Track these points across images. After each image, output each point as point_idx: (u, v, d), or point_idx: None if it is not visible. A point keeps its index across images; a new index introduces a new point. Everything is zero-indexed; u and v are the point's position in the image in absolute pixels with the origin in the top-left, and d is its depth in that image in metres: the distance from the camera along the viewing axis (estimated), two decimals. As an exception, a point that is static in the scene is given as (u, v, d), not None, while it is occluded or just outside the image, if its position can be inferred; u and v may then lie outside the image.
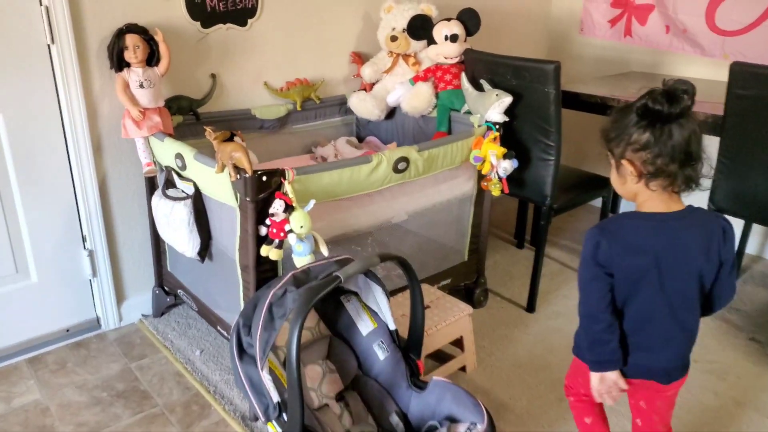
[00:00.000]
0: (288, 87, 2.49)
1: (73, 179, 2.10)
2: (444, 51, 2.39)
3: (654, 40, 3.13)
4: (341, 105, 2.68)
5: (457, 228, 2.33)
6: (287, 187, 1.67)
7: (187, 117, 2.22)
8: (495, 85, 2.25)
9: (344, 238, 1.97)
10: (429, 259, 2.28)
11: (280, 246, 1.70)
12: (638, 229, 1.20)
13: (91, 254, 2.21)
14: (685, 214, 1.20)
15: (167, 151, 1.95)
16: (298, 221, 1.66)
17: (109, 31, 1.98)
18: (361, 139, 2.80)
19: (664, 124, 1.12)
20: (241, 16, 2.30)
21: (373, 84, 2.66)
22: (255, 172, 1.63)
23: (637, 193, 1.21)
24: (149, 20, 2.06)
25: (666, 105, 1.10)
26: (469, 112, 2.34)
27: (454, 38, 2.36)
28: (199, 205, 1.88)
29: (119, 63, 1.98)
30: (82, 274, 2.23)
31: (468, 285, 2.49)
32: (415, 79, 2.48)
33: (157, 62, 2.03)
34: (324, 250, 1.74)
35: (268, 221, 1.69)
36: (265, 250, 1.70)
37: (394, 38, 2.49)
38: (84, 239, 2.19)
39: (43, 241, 2.11)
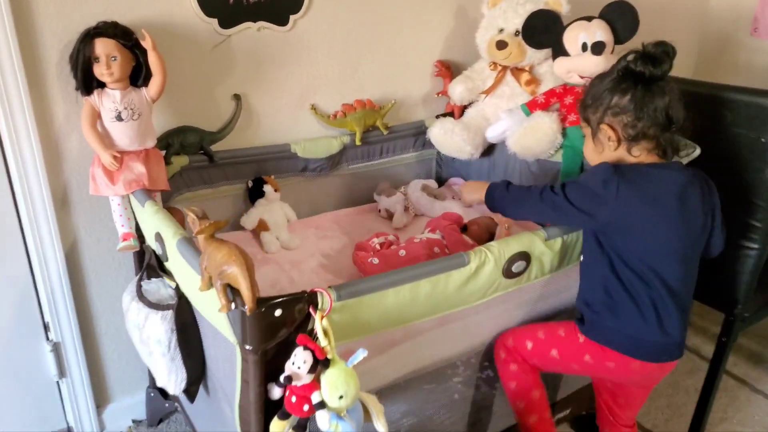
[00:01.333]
0: (345, 112, 1.75)
1: (26, 247, 1.45)
2: (581, 67, 1.57)
3: None
4: (418, 135, 1.91)
5: (587, 340, 1.52)
6: (320, 325, 0.93)
7: (195, 158, 1.53)
8: (664, 123, 1.41)
9: (416, 376, 1.22)
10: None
11: (303, 427, 0.96)
12: (657, 176, 1.12)
13: (56, 347, 1.56)
14: (681, 166, 1.17)
15: (148, 223, 1.25)
16: (335, 387, 0.92)
17: (77, 32, 1.30)
18: (441, 181, 2.03)
19: (645, 86, 1.10)
20: (280, 10, 1.57)
21: (465, 107, 1.88)
22: (262, 302, 0.89)
23: (619, 162, 1.15)
24: (136, 17, 1.37)
25: (649, 67, 1.09)
26: (615, 163, 1.53)
27: (597, 48, 1.54)
28: (186, 320, 1.17)
29: (87, 82, 1.30)
30: (45, 375, 1.59)
31: (593, 413, 1.68)
32: (530, 106, 1.68)
33: (146, 81, 1.34)
34: (381, 429, 0.99)
35: (284, 377, 0.95)
36: (278, 428, 0.97)
37: (501, 44, 1.69)
38: (46, 328, 1.55)
39: (-16, 334, 1.48)
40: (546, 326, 1.28)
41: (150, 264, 1.28)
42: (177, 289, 1.17)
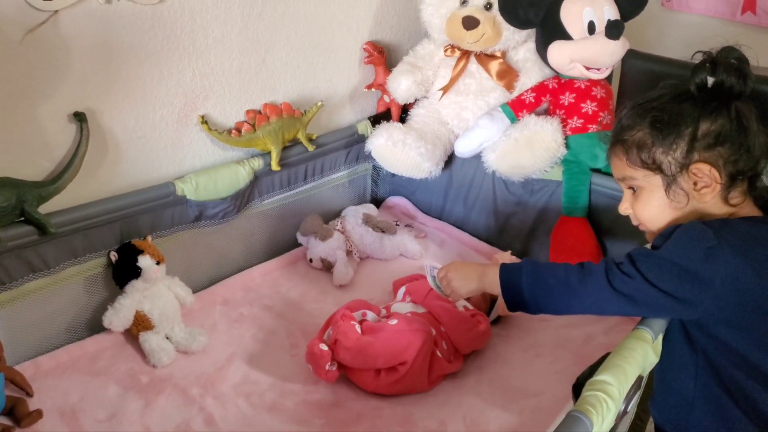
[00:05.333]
0: (253, 124, 1.16)
1: None
2: (590, 54, 1.16)
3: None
4: (350, 146, 1.39)
5: None
6: None
7: (13, 232, 0.87)
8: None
9: None
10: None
11: None
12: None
13: None
14: None
15: None
16: None
17: None
18: (377, 203, 1.53)
19: (731, 106, 0.79)
20: (144, -34, 0.93)
21: (406, 106, 1.39)
22: None
23: (701, 218, 0.81)
24: None
25: (742, 80, 0.78)
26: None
27: (615, 29, 1.13)
28: None
29: None
30: None
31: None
32: (514, 107, 1.25)
33: None
34: None
35: None
36: None
37: (471, 22, 1.21)
38: None
39: None
40: None
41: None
42: None
